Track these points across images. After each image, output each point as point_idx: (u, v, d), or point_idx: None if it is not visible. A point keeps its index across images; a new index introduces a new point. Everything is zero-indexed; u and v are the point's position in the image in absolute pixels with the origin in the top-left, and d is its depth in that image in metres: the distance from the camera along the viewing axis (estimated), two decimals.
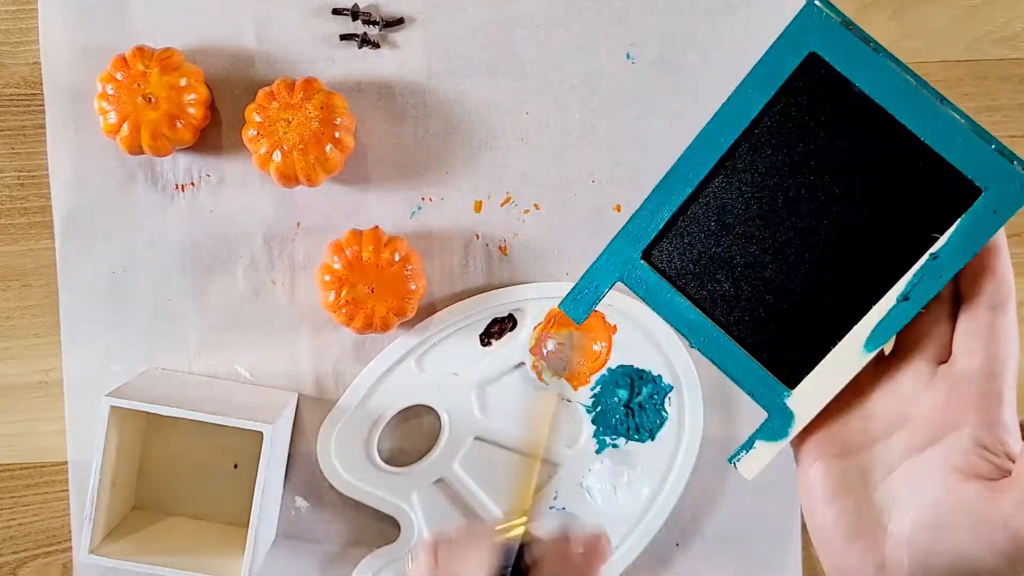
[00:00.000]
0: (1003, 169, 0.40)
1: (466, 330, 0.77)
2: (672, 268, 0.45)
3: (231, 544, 0.74)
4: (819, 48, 0.40)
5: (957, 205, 0.41)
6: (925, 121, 0.40)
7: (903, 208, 0.41)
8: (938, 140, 0.40)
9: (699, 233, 0.44)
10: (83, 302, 0.77)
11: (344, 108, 0.72)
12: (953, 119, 0.40)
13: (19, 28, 0.75)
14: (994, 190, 0.40)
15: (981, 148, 0.40)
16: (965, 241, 0.41)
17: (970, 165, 0.40)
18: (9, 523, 0.78)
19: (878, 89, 0.40)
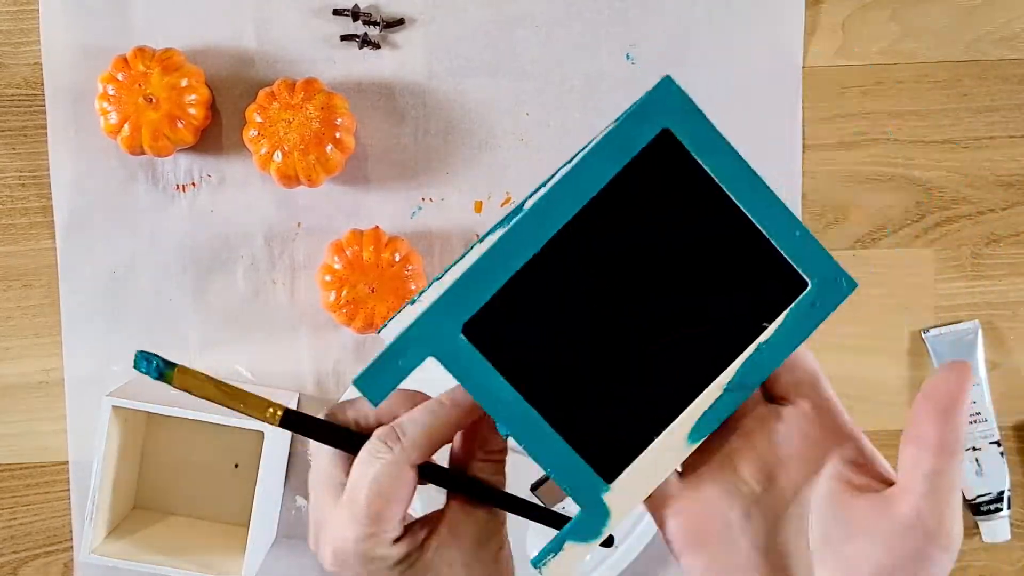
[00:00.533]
0: (829, 264, 0.41)
1: None
2: (492, 345, 0.40)
3: (231, 544, 0.74)
4: (673, 125, 0.39)
5: (786, 294, 0.41)
6: (765, 210, 0.40)
7: (735, 297, 0.41)
8: (775, 230, 0.40)
9: (525, 310, 0.40)
10: (84, 302, 0.77)
11: (345, 108, 0.72)
12: (791, 215, 0.40)
13: (20, 29, 0.75)
14: (821, 284, 0.41)
15: (812, 243, 0.40)
16: (791, 333, 0.41)
17: (801, 258, 0.41)
18: (10, 523, 0.79)
19: (725, 174, 0.40)
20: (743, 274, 0.41)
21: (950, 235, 0.78)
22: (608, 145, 0.39)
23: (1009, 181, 0.78)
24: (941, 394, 0.38)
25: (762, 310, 0.41)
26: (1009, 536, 0.78)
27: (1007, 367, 0.79)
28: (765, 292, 0.41)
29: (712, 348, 0.41)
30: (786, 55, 0.77)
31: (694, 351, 0.41)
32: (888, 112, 0.77)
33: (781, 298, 0.41)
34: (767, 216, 0.40)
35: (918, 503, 0.39)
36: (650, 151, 0.40)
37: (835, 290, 0.41)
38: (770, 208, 0.40)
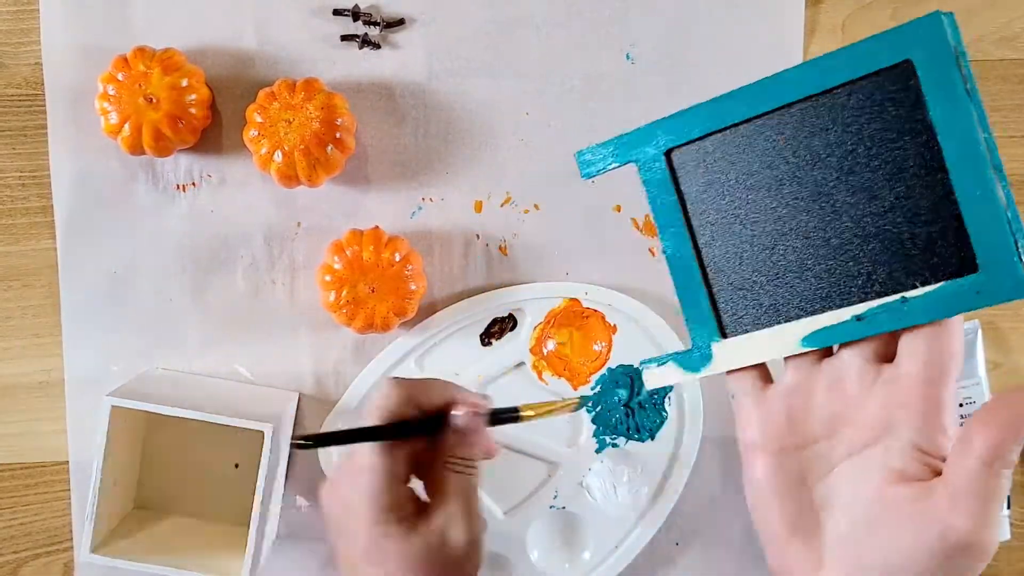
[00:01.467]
0: (1008, 261, 0.39)
1: (466, 330, 0.77)
2: (683, 176, 0.45)
3: (232, 544, 0.74)
4: (918, 60, 0.39)
5: (952, 267, 0.40)
6: (969, 180, 0.39)
7: (911, 243, 0.41)
8: (969, 203, 0.39)
9: (723, 159, 0.44)
10: (84, 302, 0.77)
11: (345, 108, 0.72)
12: (994, 194, 0.39)
13: (20, 29, 0.75)
14: (989, 276, 0.39)
15: (1002, 233, 0.39)
16: (938, 304, 0.40)
17: (983, 242, 0.39)
18: (10, 523, 0.79)
19: (947, 129, 0.39)
20: (926, 226, 0.40)
21: None
22: (854, 51, 0.41)
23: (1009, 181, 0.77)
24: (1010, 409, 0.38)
25: (926, 268, 0.41)
26: (1009, 536, 0.78)
27: (1008, 367, 0.79)
28: (938, 253, 0.40)
29: (867, 274, 0.42)
30: (786, 55, 0.77)
31: (852, 268, 0.42)
32: None
33: (949, 267, 0.40)
34: (969, 187, 0.39)
35: (954, 504, 0.39)
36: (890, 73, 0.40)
37: (1003, 287, 0.39)
38: (978, 181, 0.39)
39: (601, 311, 0.77)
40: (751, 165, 0.44)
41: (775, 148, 0.43)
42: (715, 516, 0.79)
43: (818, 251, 0.43)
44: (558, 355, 0.77)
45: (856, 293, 0.42)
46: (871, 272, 0.42)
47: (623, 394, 0.77)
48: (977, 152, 0.39)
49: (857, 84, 0.41)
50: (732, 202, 0.44)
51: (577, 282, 0.77)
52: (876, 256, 0.42)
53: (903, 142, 0.40)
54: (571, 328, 0.77)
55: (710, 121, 0.44)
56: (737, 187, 0.44)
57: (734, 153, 0.44)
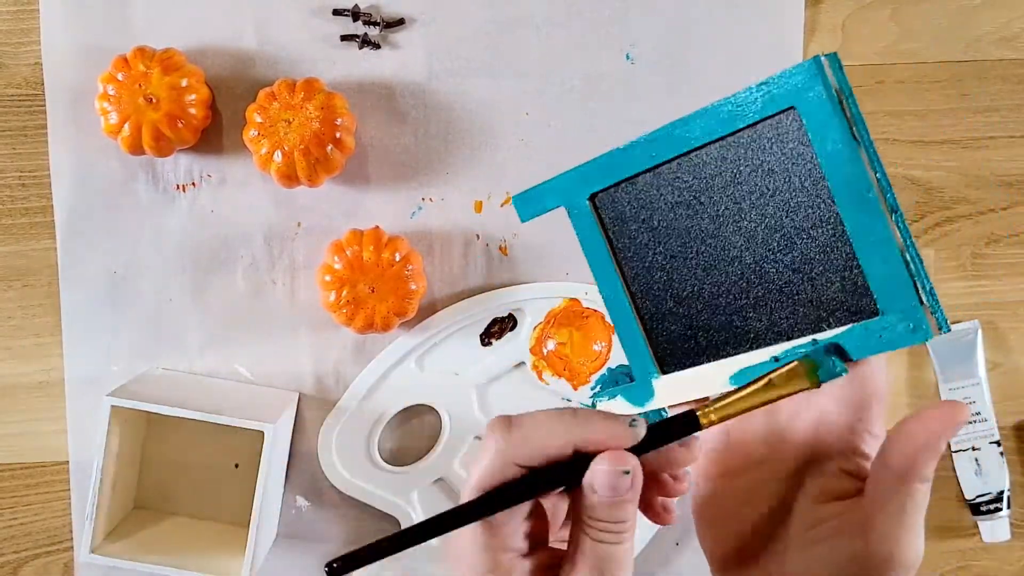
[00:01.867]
0: (909, 306, 0.38)
1: (466, 330, 0.77)
2: (610, 219, 0.46)
3: (232, 544, 0.74)
4: (801, 107, 0.39)
5: (858, 311, 0.40)
6: (863, 225, 0.39)
7: (817, 284, 0.41)
8: (865, 248, 0.39)
9: (644, 203, 0.45)
10: (84, 302, 0.77)
11: (345, 108, 0.72)
12: (889, 236, 0.38)
13: (20, 28, 0.75)
14: (892, 320, 0.39)
15: (901, 277, 0.38)
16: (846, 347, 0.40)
17: (882, 287, 0.39)
18: (10, 523, 0.79)
19: (835, 173, 0.39)
20: (830, 270, 0.40)
21: (950, 235, 0.78)
22: (743, 99, 0.41)
23: (1009, 181, 0.78)
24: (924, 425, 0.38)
25: (836, 310, 0.41)
26: (1009, 536, 0.78)
27: (1007, 367, 0.79)
28: (844, 296, 0.40)
29: (784, 315, 0.42)
30: (786, 55, 0.77)
31: (769, 310, 0.43)
32: (888, 112, 0.77)
33: (856, 310, 0.40)
34: (863, 232, 0.39)
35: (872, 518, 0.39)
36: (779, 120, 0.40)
37: (905, 332, 0.38)
38: (870, 226, 0.38)
39: (601, 311, 0.77)
40: (669, 209, 0.44)
41: (688, 192, 0.44)
42: None
43: (738, 293, 0.43)
44: (558, 355, 0.77)
45: (775, 334, 0.43)
46: (787, 314, 0.42)
47: None
48: (867, 197, 0.38)
49: (753, 129, 0.41)
50: (656, 244, 0.45)
51: (577, 282, 0.77)
52: (790, 299, 0.42)
53: (798, 187, 0.41)
54: (571, 328, 0.77)
55: (627, 166, 0.45)
56: (659, 230, 0.45)
57: (653, 197, 0.45)
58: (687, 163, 0.43)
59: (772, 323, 0.43)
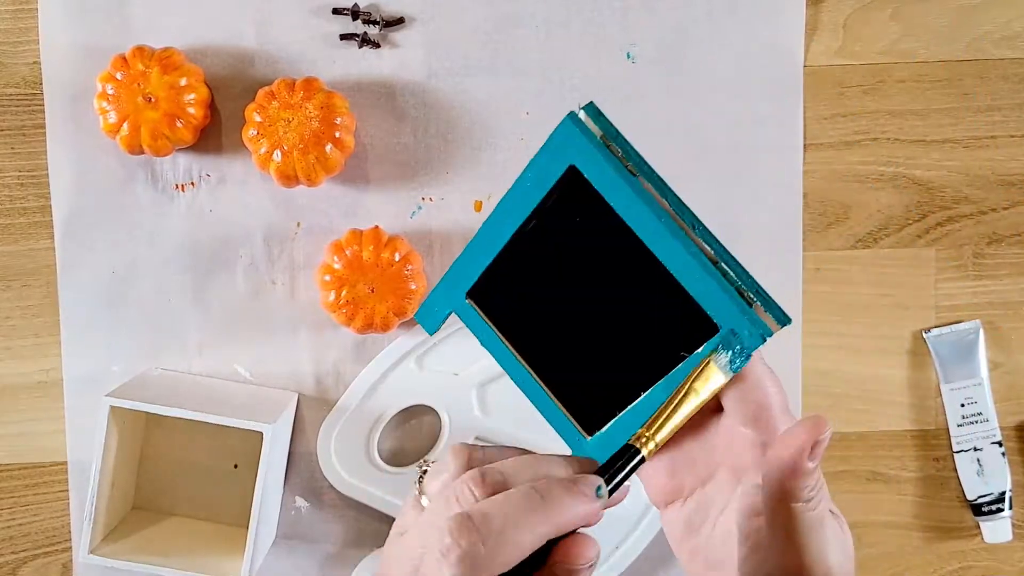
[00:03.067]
0: (737, 312, 0.40)
1: (465, 330, 0.77)
2: (491, 309, 0.47)
3: (231, 544, 0.74)
4: (578, 162, 0.41)
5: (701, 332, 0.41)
6: (670, 251, 0.40)
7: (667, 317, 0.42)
8: (682, 272, 0.40)
9: (510, 284, 0.46)
10: (83, 302, 0.77)
11: (344, 108, 0.72)
12: (695, 254, 0.40)
13: (19, 28, 0.75)
14: (732, 331, 0.40)
15: (716, 288, 0.40)
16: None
17: (709, 303, 0.40)
18: (9, 523, 0.78)
19: (630, 213, 0.40)
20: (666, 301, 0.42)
21: (951, 235, 0.78)
22: (534, 170, 0.43)
23: (1010, 181, 0.78)
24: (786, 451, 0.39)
25: (688, 337, 0.42)
26: (1011, 537, 0.78)
27: (1009, 367, 0.79)
28: (688, 322, 0.42)
29: (654, 355, 0.44)
30: (787, 54, 0.76)
31: (639, 353, 0.44)
32: (888, 112, 0.77)
33: (703, 331, 0.42)
34: (671, 258, 0.40)
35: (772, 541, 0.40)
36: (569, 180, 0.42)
37: (746, 336, 0.40)
38: (674, 250, 0.40)
39: None
40: (530, 280, 0.46)
41: (537, 265, 0.45)
42: None
43: (614, 340, 0.45)
44: None
45: (654, 373, 0.44)
46: (656, 352, 0.43)
47: None
48: (660, 224, 0.40)
49: (554, 195, 0.43)
50: (536, 319, 0.46)
51: None
52: (652, 338, 0.43)
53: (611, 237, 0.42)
54: None
55: (482, 257, 0.46)
56: (532, 304, 0.46)
57: (514, 278, 0.46)
58: (523, 239, 0.44)
59: (651, 361, 0.44)
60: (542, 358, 0.47)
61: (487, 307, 0.47)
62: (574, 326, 0.45)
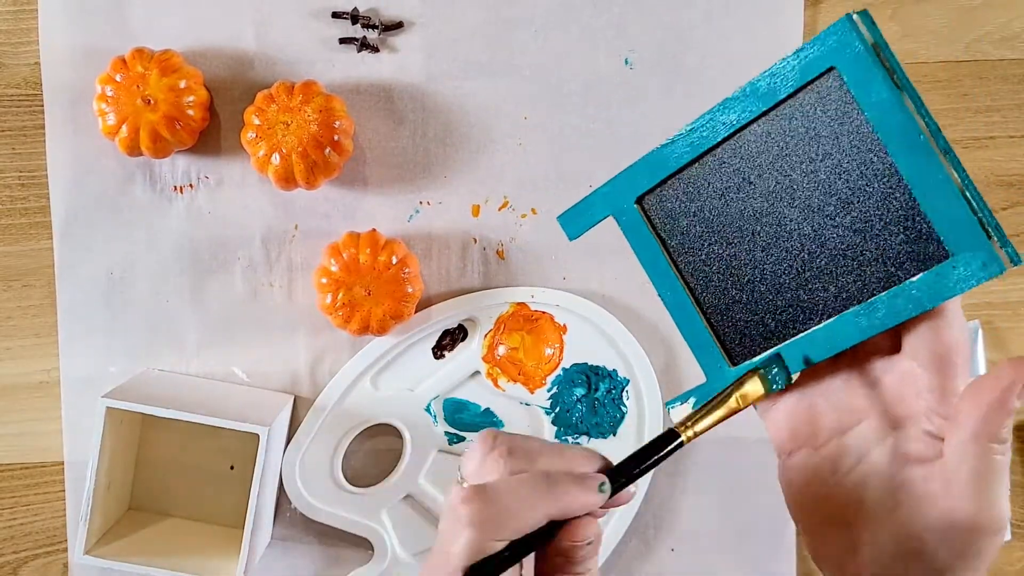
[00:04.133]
0: (977, 240, 0.39)
1: (417, 345, 0.77)
2: (660, 219, 0.46)
3: (227, 545, 0.74)
4: (840, 65, 0.40)
5: (928, 257, 0.40)
6: (918, 170, 0.39)
7: (886, 240, 0.41)
8: (924, 192, 0.39)
9: (693, 196, 0.45)
10: (81, 303, 0.77)
11: (343, 111, 0.72)
12: (946, 177, 0.39)
13: (19, 29, 0.76)
14: (962, 258, 0.39)
15: (963, 214, 0.39)
16: (922, 295, 0.40)
17: (946, 227, 0.39)
18: (9, 523, 0.79)
19: (884, 124, 0.39)
20: (894, 222, 0.41)
21: None
22: (781, 71, 0.41)
23: (1009, 181, 0.77)
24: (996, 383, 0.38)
25: (906, 261, 0.41)
26: (1009, 536, 0.77)
27: None
28: (912, 245, 0.40)
29: (853, 279, 0.42)
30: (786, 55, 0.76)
31: (838, 276, 0.43)
32: None
33: (925, 257, 0.40)
34: (920, 176, 0.39)
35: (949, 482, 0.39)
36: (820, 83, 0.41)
37: (977, 267, 0.39)
38: (926, 168, 0.39)
39: (550, 312, 0.76)
40: (719, 196, 0.45)
41: (737, 175, 0.44)
42: (709, 521, 0.79)
43: (801, 266, 0.43)
44: (511, 360, 0.76)
45: (844, 299, 0.43)
46: (856, 276, 0.42)
47: (580, 392, 0.77)
48: (919, 141, 0.39)
49: (795, 98, 0.41)
50: (711, 235, 0.45)
51: (524, 286, 0.77)
52: (855, 261, 0.42)
53: (848, 147, 0.41)
54: (521, 332, 0.77)
55: (671, 162, 0.45)
56: (712, 220, 0.45)
57: (701, 188, 0.45)
58: (731, 147, 0.43)
59: (841, 289, 0.43)
60: (704, 276, 0.46)
61: (655, 215, 0.46)
62: (758, 246, 0.44)
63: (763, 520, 0.79)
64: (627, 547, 0.79)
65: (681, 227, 0.46)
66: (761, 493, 0.78)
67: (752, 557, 0.79)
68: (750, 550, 0.79)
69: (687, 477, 0.78)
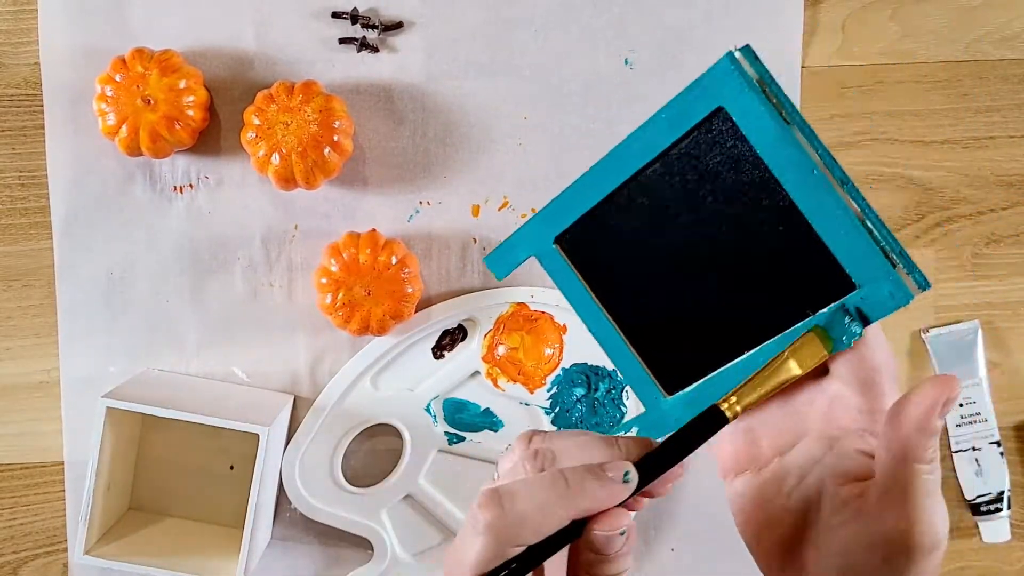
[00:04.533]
0: (881, 271, 0.39)
1: (418, 345, 0.77)
2: (580, 256, 0.46)
3: (226, 545, 0.74)
4: (727, 104, 0.40)
5: (836, 289, 0.40)
6: (816, 203, 0.39)
7: (791, 272, 0.41)
8: (825, 225, 0.39)
9: (610, 232, 0.45)
10: (81, 303, 0.77)
11: (343, 111, 0.72)
12: (844, 209, 0.39)
13: (20, 29, 0.75)
14: (870, 289, 0.39)
15: (863, 243, 0.39)
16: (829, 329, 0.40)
17: (849, 259, 0.39)
18: (10, 523, 0.79)
19: (776, 159, 0.39)
20: (801, 257, 0.41)
21: (950, 235, 0.77)
22: (672, 110, 0.42)
23: (1009, 181, 0.77)
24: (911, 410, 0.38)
25: (815, 295, 0.41)
26: (1009, 536, 0.77)
27: (1007, 367, 0.78)
28: (819, 279, 0.40)
29: (765, 310, 0.42)
30: (786, 55, 0.76)
31: (752, 309, 0.43)
32: (888, 112, 0.77)
33: (834, 289, 0.40)
34: (818, 210, 0.39)
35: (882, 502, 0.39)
36: (711, 122, 0.41)
37: (885, 297, 0.39)
38: (823, 203, 0.39)
39: (549, 312, 0.76)
40: (633, 232, 0.45)
41: (646, 212, 0.44)
42: (708, 522, 0.79)
43: (720, 299, 0.43)
44: (511, 360, 0.77)
45: (763, 331, 0.43)
46: (771, 309, 0.42)
47: (580, 392, 0.77)
48: (812, 175, 0.39)
49: (690, 137, 0.42)
50: (630, 270, 0.45)
51: (523, 286, 0.77)
52: (769, 294, 0.42)
53: (747, 183, 0.41)
54: (521, 332, 0.77)
55: (583, 201, 0.45)
56: (629, 255, 0.45)
57: (615, 225, 0.45)
58: (638, 185, 0.43)
59: (759, 321, 0.43)
60: (629, 310, 0.46)
61: (575, 253, 0.46)
62: (677, 279, 0.44)
63: None
64: None
65: (601, 263, 0.46)
66: None
67: (751, 559, 0.79)
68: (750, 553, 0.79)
69: (687, 477, 0.78)
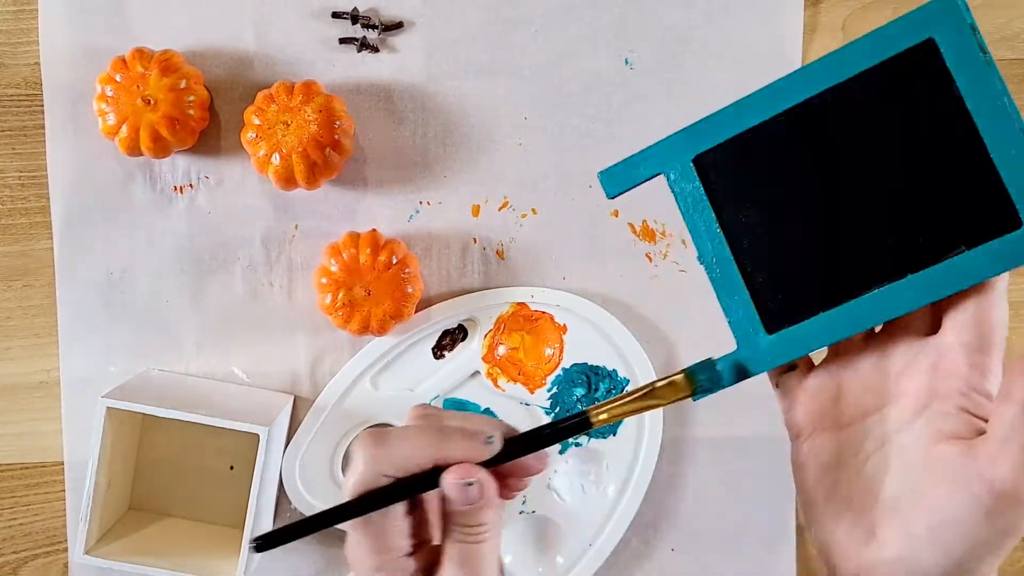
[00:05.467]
0: None
1: (418, 345, 0.77)
2: (714, 181, 0.45)
3: (226, 545, 0.74)
4: (939, 38, 0.41)
5: (995, 227, 0.41)
6: (1003, 141, 0.40)
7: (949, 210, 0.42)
8: (1005, 162, 0.40)
9: (753, 161, 0.45)
10: (81, 303, 0.77)
11: (343, 111, 0.72)
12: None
13: (20, 29, 0.75)
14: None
15: None
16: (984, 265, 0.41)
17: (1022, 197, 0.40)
18: (10, 523, 0.79)
19: (975, 97, 0.41)
20: (964, 191, 0.41)
21: None
22: (874, 38, 0.42)
23: None
24: None
25: (969, 231, 0.41)
26: None
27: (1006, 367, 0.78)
28: (980, 215, 0.41)
29: (905, 250, 0.43)
30: (786, 56, 0.76)
31: (886, 247, 0.43)
32: None
33: (992, 227, 0.41)
34: (1003, 147, 0.40)
35: (996, 455, 0.39)
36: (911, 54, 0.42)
37: None
38: (1010, 141, 0.40)
39: (550, 312, 0.76)
40: (784, 159, 0.44)
41: (807, 139, 0.44)
42: (709, 521, 0.79)
43: (862, 227, 0.43)
44: (511, 360, 0.77)
45: (898, 268, 0.43)
46: (913, 244, 0.42)
47: (580, 392, 0.77)
48: (1006, 114, 0.40)
49: (883, 67, 0.42)
50: (767, 198, 0.45)
51: (524, 286, 0.77)
52: (921, 224, 0.42)
53: (934, 114, 0.41)
54: (521, 332, 0.77)
55: (738, 123, 0.45)
56: (771, 182, 0.45)
57: (765, 150, 0.44)
58: (801, 112, 0.44)
59: (902, 251, 0.43)
60: (752, 240, 0.45)
61: (710, 176, 0.45)
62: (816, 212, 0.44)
63: (763, 520, 0.79)
64: (627, 547, 0.79)
65: (737, 189, 0.45)
66: (761, 493, 0.78)
67: (752, 557, 0.79)
68: (750, 550, 0.79)
69: (687, 477, 0.78)
